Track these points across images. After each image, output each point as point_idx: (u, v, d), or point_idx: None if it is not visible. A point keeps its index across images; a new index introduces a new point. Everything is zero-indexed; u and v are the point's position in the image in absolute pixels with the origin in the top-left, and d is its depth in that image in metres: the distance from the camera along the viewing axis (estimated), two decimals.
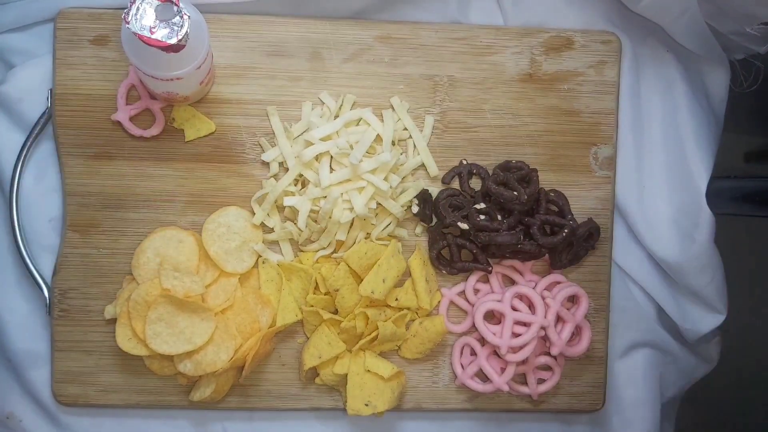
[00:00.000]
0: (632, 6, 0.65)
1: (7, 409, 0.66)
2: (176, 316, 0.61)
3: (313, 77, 0.64)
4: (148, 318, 0.60)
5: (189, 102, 0.63)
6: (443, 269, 0.66)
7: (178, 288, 0.61)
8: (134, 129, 0.63)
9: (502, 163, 0.65)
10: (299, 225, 0.62)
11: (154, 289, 0.61)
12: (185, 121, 0.64)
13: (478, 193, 0.65)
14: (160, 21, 0.49)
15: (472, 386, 0.66)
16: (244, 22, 0.64)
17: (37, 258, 0.65)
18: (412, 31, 0.65)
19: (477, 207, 0.63)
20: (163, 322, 0.61)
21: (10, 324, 0.65)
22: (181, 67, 0.54)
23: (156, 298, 0.61)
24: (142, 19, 0.49)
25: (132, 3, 0.49)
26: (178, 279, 0.61)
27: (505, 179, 0.63)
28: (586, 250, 0.66)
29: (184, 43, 0.50)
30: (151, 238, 0.63)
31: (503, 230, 0.62)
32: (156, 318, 0.61)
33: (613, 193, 0.67)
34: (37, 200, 0.65)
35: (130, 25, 0.49)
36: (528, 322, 0.64)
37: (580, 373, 0.68)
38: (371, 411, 0.64)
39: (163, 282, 0.61)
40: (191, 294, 0.61)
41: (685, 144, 0.68)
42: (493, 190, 0.62)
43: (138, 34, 0.49)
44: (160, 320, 0.61)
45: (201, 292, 0.62)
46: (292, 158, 0.63)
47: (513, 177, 0.63)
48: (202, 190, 0.64)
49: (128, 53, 0.53)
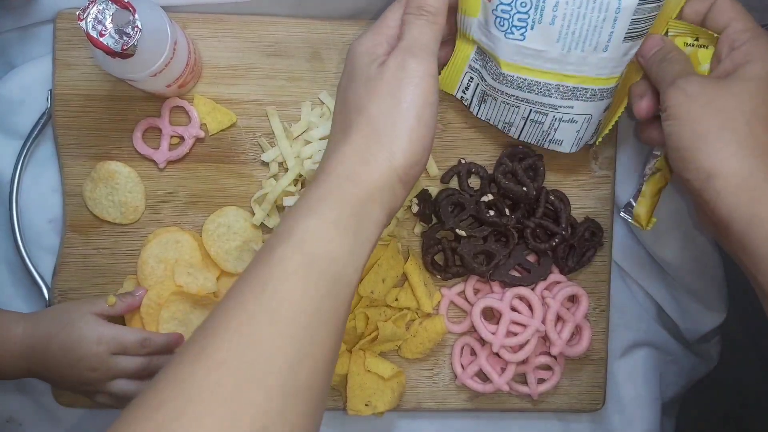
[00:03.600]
0: None
1: (7, 413, 0.66)
2: (189, 313, 0.61)
3: (312, 77, 0.64)
4: (160, 317, 0.61)
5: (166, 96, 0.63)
6: (437, 275, 0.66)
7: (191, 285, 0.61)
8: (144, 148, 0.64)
9: (508, 150, 0.65)
10: None
11: (165, 291, 0.62)
12: (206, 114, 0.64)
13: (484, 182, 0.65)
14: (114, 26, 0.49)
15: (472, 386, 0.66)
16: (244, 22, 0.64)
17: (37, 259, 0.65)
18: None
19: (484, 200, 0.63)
20: (176, 320, 0.61)
21: None
22: (134, 72, 0.54)
23: (169, 296, 0.61)
24: (97, 19, 0.49)
25: (92, 2, 0.49)
26: (191, 276, 0.61)
27: (513, 169, 0.63)
28: (594, 250, 0.66)
29: (130, 53, 0.50)
30: (148, 247, 0.63)
31: (511, 225, 0.63)
32: (169, 317, 0.61)
33: (612, 193, 0.67)
34: (36, 201, 0.65)
35: (82, 23, 0.49)
36: (525, 324, 0.64)
37: (580, 373, 0.68)
38: (371, 411, 0.64)
39: (177, 279, 0.61)
40: (204, 291, 0.61)
41: None
42: (502, 183, 0.63)
43: (87, 33, 0.49)
44: (173, 318, 0.61)
45: (214, 289, 0.62)
46: (291, 158, 0.63)
47: (521, 168, 0.63)
48: (202, 190, 0.64)
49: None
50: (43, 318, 0.59)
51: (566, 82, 0.56)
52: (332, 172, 0.47)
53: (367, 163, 0.47)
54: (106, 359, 0.59)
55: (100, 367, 0.59)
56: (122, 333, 0.60)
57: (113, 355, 0.59)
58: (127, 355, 0.60)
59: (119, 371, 0.59)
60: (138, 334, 0.60)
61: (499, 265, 0.64)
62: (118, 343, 0.59)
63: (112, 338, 0.59)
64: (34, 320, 0.59)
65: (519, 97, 0.58)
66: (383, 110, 0.48)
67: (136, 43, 0.50)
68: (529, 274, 0.66)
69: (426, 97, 0.48)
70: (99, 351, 0.58)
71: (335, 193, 0.47)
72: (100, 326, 0.59)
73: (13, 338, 0.58)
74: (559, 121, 0.59)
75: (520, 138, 0.62)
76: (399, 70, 0.48)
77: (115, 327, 0.60)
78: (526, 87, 0.57)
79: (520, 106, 0.58)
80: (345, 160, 0.48)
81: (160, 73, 0.55)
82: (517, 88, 0.57)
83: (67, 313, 0.60)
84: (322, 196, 0.47)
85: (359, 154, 0.48)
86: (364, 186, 0.47)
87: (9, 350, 0.58)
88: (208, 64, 0.64)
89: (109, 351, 0.59)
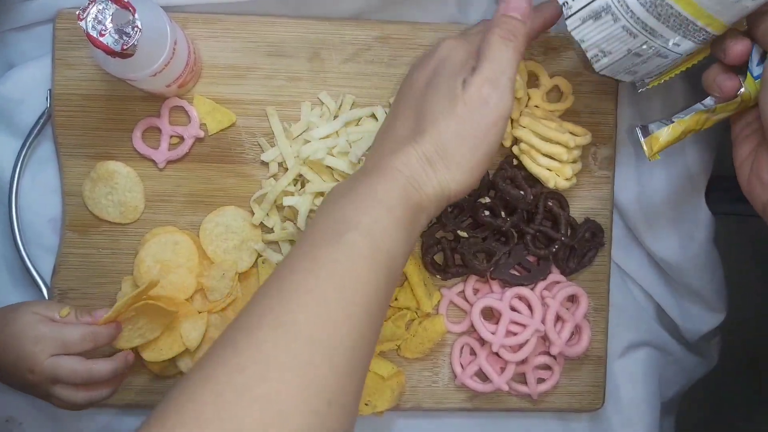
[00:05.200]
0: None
1: (6, 413, 0.66)
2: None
3: (312, 77, 0.64)
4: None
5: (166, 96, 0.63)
6: (437, 275, 0.66)
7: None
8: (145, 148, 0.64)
9: (508, 155, 0.65)
10: (299, 225, 0.62)
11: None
12: (206, 114, 0.63)
13: (483, 185, 0.65)
14: (114, 25, 0.49)
15: (471, 386, 0.66)
16: (244, 22, 0.64)
17: (37, 258, 0.65)
18: (412, 31, 0.65)
19: (481, 201, 0.63)
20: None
21: None
22: (133, 71, 0.54)
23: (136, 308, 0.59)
24: (97, 19, 0.49)
25: (92, 2, 0.49)
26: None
27: (512, 175, 0.63)
28: (595, 251, 0.66)
29: (130, 53, 0.50)
30: (146, 246, 0.63)
31: (505, 227, 0.63)
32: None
33: (612, 193, 0.67)
34: (36, 200, 0.65)
35: (82, 23, 0.49)
36: (525, 323, 0.64)
37: (579, 373, 0.68)
38: (371, 410, 0.64)
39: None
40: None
41: (685, 143, 0.68)
42: (500, 187, 0.63)
43: (87, 33, 0.49)
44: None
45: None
46: (291, 158, 0.63)
47: (520, 174, 0.63)
48: (201, 190, 0.64)
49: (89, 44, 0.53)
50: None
51: (698, 20, 0.51)
52: (400, 170, 0.49)
53: (428, 178, 0.49)
54: (43, 360, 0.55)
55: (36, 370, 0.55)
56: (63, 330, 0.56)
57: (53, 356, 0.55)
58: (69, 356, 0.56)
59: (58, 376, 0.55)
60: (82, 328, 0.56)
61: (500, 263, 0.64)
62: (58, 341, 0.55)
63: (52, 337, 0.55)
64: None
65: (647, 25, 0.52)
66: (456, 135, 0.49)
67: (136, 42, 0.50)
68: (529, 274, 0.66)
69: (497, 138, 0.50)
70: (35, 351, 0.55)
71: (402, 193, 0.48)
72: (40, 325, 0.56)
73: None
74: (655, 56, 0.54)
75: (598, 70, 0.56)
76: (482, 105, 0.49)
77: (56, 325, 0.56)
78: (664, 16, 0.51)
79: (638, 35, 0.53)
80: (410, 163, 0.49)
81: (159, 73, 0.55)
82: (656, 16, 0.51)
83: (12, 312, 0.57)
84: (389, 191, 0.48)
85: (423, 167, 0.49)
86: (423, 196, 0.49)
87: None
88: (207, 64, 0.64)
89: (47, 352, 0.55)
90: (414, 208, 0.49)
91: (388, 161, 0.49)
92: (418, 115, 0.51)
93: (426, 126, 0.50)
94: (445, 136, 0.49)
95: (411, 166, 0.49)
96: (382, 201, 0.47)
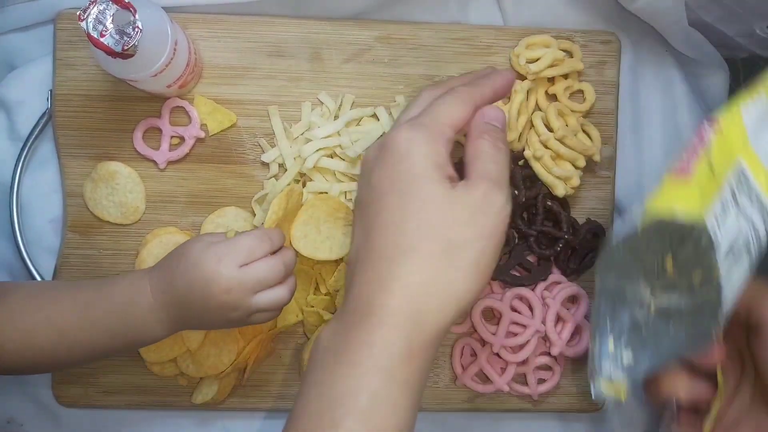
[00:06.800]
0: (627, 5, 0.65)
1: (8, 414, 0.66)
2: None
3: (313, 77, 0.64)
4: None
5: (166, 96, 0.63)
6: None
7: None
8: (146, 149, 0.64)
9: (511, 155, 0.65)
10: None
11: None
12: (207, 115, 0.63)
13: None
14: (115, 26, 0.49)
15: (472, 386, 0.66)
16: (244, 22, 0.64)
17: (38, 259, 0.65)
18: (412, 31, 0.65)
19: None
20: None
21: None
22: (134, 72, 0.54)
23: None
24: (97, 20, 0.49)
25: (92, 2, 0.49)
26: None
27: (512, 173, 0.63)
28: (596, 251, 0.66)
29: (131, 53, 0.50)
30: (148, 246, 0.63)
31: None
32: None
33: (613, 193, 0.67)
34: (37, 201, 0.65)
35: (83, 23, 0.49)
36: (525, 324, 0.64)
37: (580, 373, 0.68)
38: None
39: None
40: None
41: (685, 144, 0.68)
42: None
43: (88, 33, 0.49)
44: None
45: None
46: (291, 158, 0.63)
47: (519, 173, 0.63)
48: (203, 190, 0.64)
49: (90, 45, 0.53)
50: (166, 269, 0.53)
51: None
52: (396, 309, 0.42)
53: (437, 298, 0.43)
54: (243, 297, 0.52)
55: (240, 306, 0.52)
56: (237, 240, 0.52)
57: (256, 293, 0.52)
58: (258, 262, 0.52)
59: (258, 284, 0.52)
60: (253, 233, 0.53)
61: (500, 264, 0.64)
62: (239, 250, 0.52)
63: (230, 250, 0.51)
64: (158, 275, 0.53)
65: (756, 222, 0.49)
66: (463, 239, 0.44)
67: (137, 43, 0.50)
68: (530, 274, 0.66)
69: (503, 238, 0.46)
70: (219, 269, 0.51)
71: (405, 344, 0.42)
72: (213, 246, 0.52)
73: (149, 300, 0.52)
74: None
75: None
76: (488, 205, 0.45)
77: (229, 240, 0.53)
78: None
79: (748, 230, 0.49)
80: (411, 292, 0.43)
81: (160, 74, 0.55)
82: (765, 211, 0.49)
83: (181, 248, 0.53)
84: (388, 345, 0.42)
85: (427, 288, 0.43)
86: (432, 328, 0.43)
87: (153, 310, 0.52)
88: (208, 64, 0.64)
89: (233, 264, 0.51)
90: (424, 350, 0.43)
91: (378, 297, 0.43)
92: (396, 230, 0.44)
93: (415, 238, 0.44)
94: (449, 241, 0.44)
95: (414, 295, 0.43)
96: (378, 363, 0.42)
